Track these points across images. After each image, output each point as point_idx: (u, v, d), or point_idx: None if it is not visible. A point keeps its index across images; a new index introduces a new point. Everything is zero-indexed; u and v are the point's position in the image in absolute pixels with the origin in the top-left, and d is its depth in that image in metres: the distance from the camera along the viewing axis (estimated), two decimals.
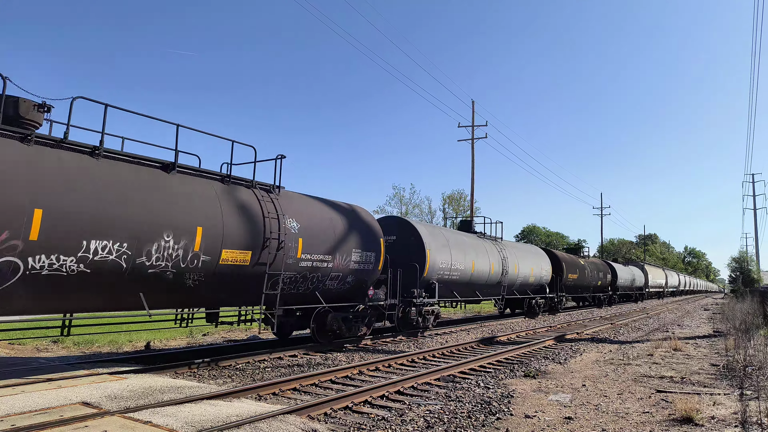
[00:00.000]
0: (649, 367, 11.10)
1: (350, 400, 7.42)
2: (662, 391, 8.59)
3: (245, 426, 5.83)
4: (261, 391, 7.89)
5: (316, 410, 6.83)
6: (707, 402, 7.77)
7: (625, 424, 6.69)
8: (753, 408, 7.28)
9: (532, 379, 9.58)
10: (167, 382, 8.25)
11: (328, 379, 9.12)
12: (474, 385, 8.87)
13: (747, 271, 59.24)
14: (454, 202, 51.00)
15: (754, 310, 23.74)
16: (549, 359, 12.00)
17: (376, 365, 10.41)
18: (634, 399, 8.08)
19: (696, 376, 10.10)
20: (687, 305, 44.92)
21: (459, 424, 6.54)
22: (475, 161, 34.37)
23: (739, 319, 19.63)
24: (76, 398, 6.84)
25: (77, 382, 7.84)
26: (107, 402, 6.71)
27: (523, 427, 6.53)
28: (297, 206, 11.69)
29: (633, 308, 36.60)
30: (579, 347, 14.14)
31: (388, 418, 6.77)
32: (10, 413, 6.06)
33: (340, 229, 12.47)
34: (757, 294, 31.83)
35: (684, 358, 12.35)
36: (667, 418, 6.93)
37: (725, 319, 22.56)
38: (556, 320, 23.73)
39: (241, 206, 10.14)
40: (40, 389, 7.33)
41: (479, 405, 7.48)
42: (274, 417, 6.22)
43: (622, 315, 28.65)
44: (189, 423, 5.87)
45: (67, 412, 6.14)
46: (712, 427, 6.52)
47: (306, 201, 12.26)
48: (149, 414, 6.18)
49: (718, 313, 30.82)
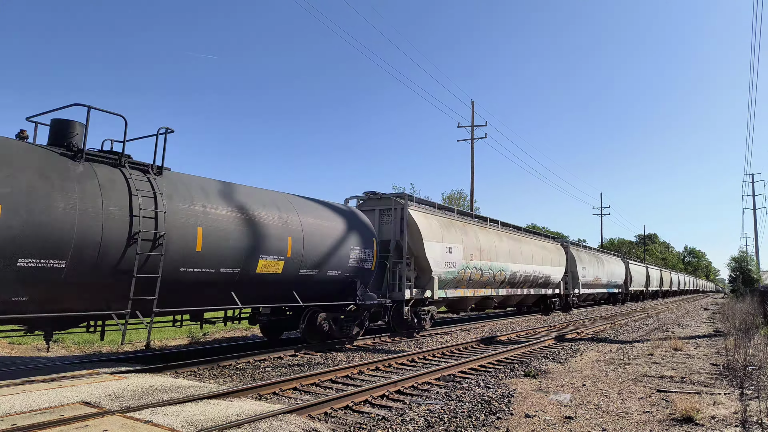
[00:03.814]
0: (650, 366, 11.10)
1: (350, 399, 7.42)
2: (662, 391, 8.59)
3: (246, 425, 5.83)
4: (261, 390, 7.89)
5: (316, 410, 6.83)
6: (707, 402, 7.76)
7: (625, 423, 6.69)
8: (753, 408, 7.28)
9: (533, 379, 9.58)
10: (167, 381, 8.24)
11: (329, 378, 9.12)
12: (474, 385, 8.87)
13: (747, 271, 59.28)
14: (454, 201, 50.96)
15: (754, 309, 23.75)
16: (549, 359, 12.00)
17: (377, 365, 10.41)
18: (635, 398, 8.08)
19: (696, 375, 10.10)
20: (687, 305, 44.91)
21: (459, 423, 6.53)
22: (474, 161, 34.38)
23: (739, 318, 19.64)
24: (77, 398, 6.83)
25: (78, 382, 7.84)
26: (108, 401, 6.71)
27: (523, 426, 6.53)
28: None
29: (633, 308, 36.62)
30: (579, 347, 14.15)
31: (389, 417, 6.77)
32: (10, 413, 6.05)
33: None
34: (757, 294, 31.85)
35: (684, 358, 12.35)
36: (667, 418, 6.93)
37: (725, 319, 22.57)
38: (556, 320, 23.73)
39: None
40: (41, 389, 7.32)
41: (479, 404, 7.47)
42: (274, 416, 6.22)
43: (622, 315, 28.65)
44: (189, 422, 5.86)
45: (67, 412, 6.14)
46: (712, 427, 6.52)
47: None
48: (150, 413, 6.18)
49: (718, 312, 30.81)
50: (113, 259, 7.98)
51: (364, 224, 13.61)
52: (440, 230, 16.40)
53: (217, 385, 8.34)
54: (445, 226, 16.90)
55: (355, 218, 13.46)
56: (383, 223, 15.80)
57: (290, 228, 11.16)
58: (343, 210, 13.46)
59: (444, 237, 16.48)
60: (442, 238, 16.32)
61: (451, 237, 16.91)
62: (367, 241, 13.32)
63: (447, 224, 17.13)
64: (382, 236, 15.40)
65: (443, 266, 16.25)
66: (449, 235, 16.84)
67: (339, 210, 13.21)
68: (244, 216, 10.19)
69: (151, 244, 8.45)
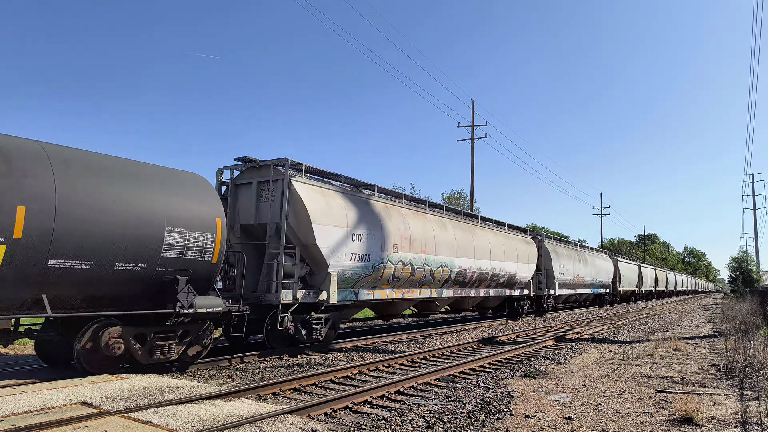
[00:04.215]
0: (649, 367, 11.10)
1: (350, 400, 7.42)
2: (662, 391, 8.59)
3: (245, 426, 5.83)
4: (261, 391, 7.89)
5: (316, 410, 6.83)
6: (707, 402, 7.76)
7: (625, 424, 6.69)
8: (753, 408, 7.28)
9: (532, 379, 9.58)
10: (167, 381, 8.24)
11: (328, 379, 9.12)
12: (474, 385, 8.87)
13: (747, 271, 59.27)
14: (454, 201, 50.99)
15: (754, 310, 23.75)
16: (549, 359, 12.00)
17: (376, 365, 10.41)
18: (634, 399, 8.08)
19: (696, 376, 10.10)
20: (686, 305, 44.92)
21: (459, 424, 6.53)
22: (474, 161, 34.38)
23: (739, 319, 19.64)
24: (77, 398, 6.83)
25: (77, 382, 7.83)
26: (107, 402, 6.71)
27: (523, 427, 6.53)
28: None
29: (632, 308, 36.60)
30: (579, 347, 14.15)
31: (388, 418, 6.77)
32: (10, 413, 6.05)
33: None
34: (757, 294, 31.84)
35: (684, 358, 12.35)
36: (667, 418, 6.93)
37: (725, 319, 22.57)
38: (556, 320, 23.72)
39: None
40: (40, 389, 7.32)
41: (479, 405, 7.47)
42: (274, 417, 6.21)
43: (622, 315, 28.66)
44: (189, 423, 5.86)
45: (67, 412, 6.14)
46: (712, 427, 6.52)
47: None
48: (149, 414, 6.18)
49: (718, 313, 30.82)
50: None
51: (202, 196, 9.69)
52: (344, 211, 12.63)
53: (216, 386, 8.34)
54: (354, 207, 13.13)
55: (186, 187, 9.55)
56: (262, 200, 12.18)
57: (24, 192, 7.23)
58: (165, 174, 9.47)
59: (350, 220, 12.70)
60: (346, 222, 12.55)
61: (364, 221, 13.23)
62: (205, 220, 9.47)
63: (358, 204, 13.38)
64: (259, 218, 12.09)
65: (348, 259, 12.58)
66: (360, 218, 13.12)
67: (152, 173, 9.23)
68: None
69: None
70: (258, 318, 11.31)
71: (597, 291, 34.10)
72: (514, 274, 21.33)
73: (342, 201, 12.89)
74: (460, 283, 17.82)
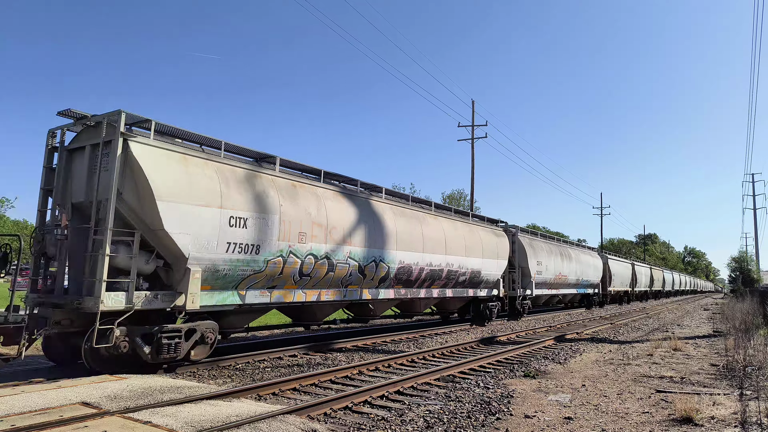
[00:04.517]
0: (649, 367, 11.10)
1: (350, 400, 7.42)
2: (662, 391, 8.60)
3: (245, 426, 5.83)
4: (261, 391, 7.89)
5: (315, 410, 6.83)
6: (707, 402, 7.76)
7: (624, 424, 6.69)
8: (753, 408, 7.28)
9: (532, 379, 9.58)
10: (167, 382, 8.24)
11: (328, 379, 9.12)
12: (474, 385, 8.87)
13: (747, 271, 59.26)
14: (454, 201, 51.03)
15: (753, 310, 23.74)
16: (549, 359, 12.00)
17: (376, 365, 10.41)
18: (634, 399, 8.08)
19: (696, 376, 10.10)
20: (686, 305, 44.92)
21: (459, 424, 6.54)
22: (475, 161, 34.39)
23: (739, 319, 19.63)
24: (76, 398, 6.83)
25: (77, 382, 7.83)
26: (107, 402, 6.71)
27: (522, 427, 6.53)
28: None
29: (632, 308, 36.61)
30: (579, 347, 14.15)
31: (388, 418, 6.77)
32: (10, 413, 6.05)
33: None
34: (756, 294, 31.83)
35: (684, 358, 12.35)
36: (666, 418, 6.93)
37: (725, 319, 22.57)
38: (556, 320, 23.73)
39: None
40: (40, 389, 7.32)
41: (479, 405, 7.47)
42: (273, 417, 6.21)
43: (621, 315, 28.66)
44: (189, 423, 5.86)
45: (66, 412, 6.14)
46: (711, 427, 6.52)
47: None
48: (149, 414, 6.18)
49: (718, 313, 30.82)
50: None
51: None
52: (217, 186, 9.62)
53: (216, 386, 8.35)
54: (236, 182, 10.08)
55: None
56: (96, 169, 9.06)
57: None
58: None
59: (228, 199, 9.73)
60: (220, 201, 9.57)
61: (252, 201, 10.22)
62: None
63: (244, 179, 10.30)
64: (92, 194, 8.89)
65: (224, 250, 9.59)
66: (246, 197, 10.13)
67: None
68: None
69: None
70: (84, 330, 8.36)
71: (584, 291, 30.97)
72: (478, 271, 18.12)
73: (215, 173, 9.73)
74: (404, 281, 14.79)
